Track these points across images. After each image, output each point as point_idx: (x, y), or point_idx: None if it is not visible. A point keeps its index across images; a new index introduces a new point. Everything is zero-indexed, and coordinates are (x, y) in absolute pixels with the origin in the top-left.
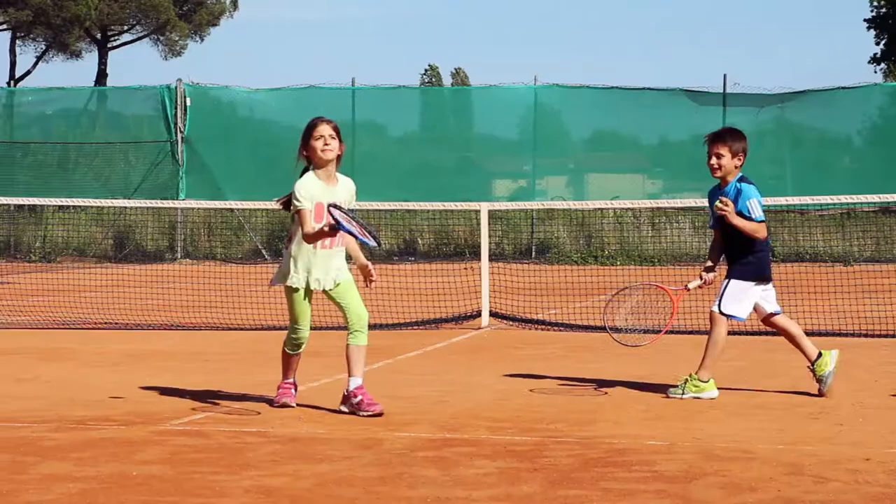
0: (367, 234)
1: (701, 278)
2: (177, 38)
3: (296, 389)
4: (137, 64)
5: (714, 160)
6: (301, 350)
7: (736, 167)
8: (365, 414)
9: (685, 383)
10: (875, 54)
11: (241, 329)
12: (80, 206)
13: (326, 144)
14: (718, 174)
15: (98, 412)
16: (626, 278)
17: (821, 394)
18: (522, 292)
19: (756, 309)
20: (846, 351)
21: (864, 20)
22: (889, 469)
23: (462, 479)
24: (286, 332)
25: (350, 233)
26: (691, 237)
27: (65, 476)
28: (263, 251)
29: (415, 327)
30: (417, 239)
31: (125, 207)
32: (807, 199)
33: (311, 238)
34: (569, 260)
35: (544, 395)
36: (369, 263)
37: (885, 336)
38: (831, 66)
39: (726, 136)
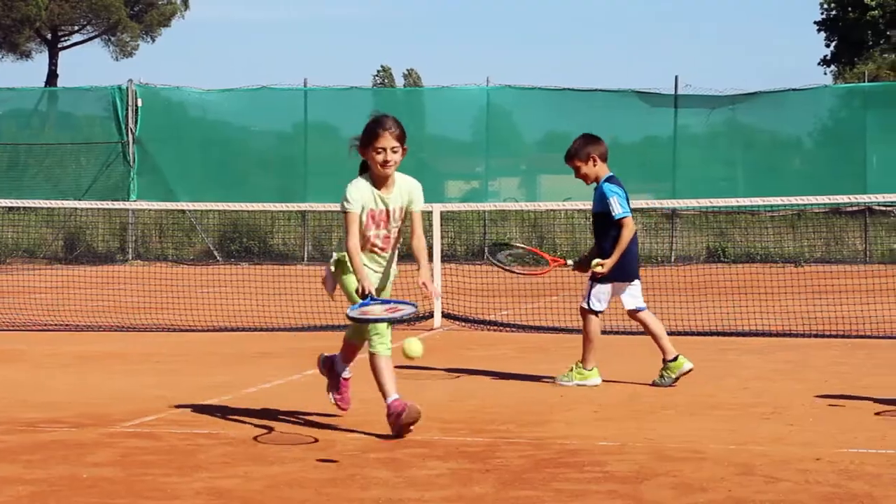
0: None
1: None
2: (128, 39)
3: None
4: (88, 64)
5: (576, 174)
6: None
7: (595, 167)
8: (400, 420)
9: (571, 371)
10: (825, 56)
11: (193, 331)
12: (30, 208)
13: (387, 161)
14: (588, 182)
15: (48, 414)
16: (578, 279)
17: (654, 384)
18: (475, 293)
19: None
20: (797, 351)
21: (815, 22)
22: (839, 469)
23: (414, 481)
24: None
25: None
26: (643, 238)
27: (14, 479)
28: (215, 252)
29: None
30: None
31: (76, 209)
32: (758, 201)
33: (351, 258)
34: (521, 261)
35: (496, 396)
36: (429, 282)
37: (835, 336)
38: (782, 68)
39: (570, 152)
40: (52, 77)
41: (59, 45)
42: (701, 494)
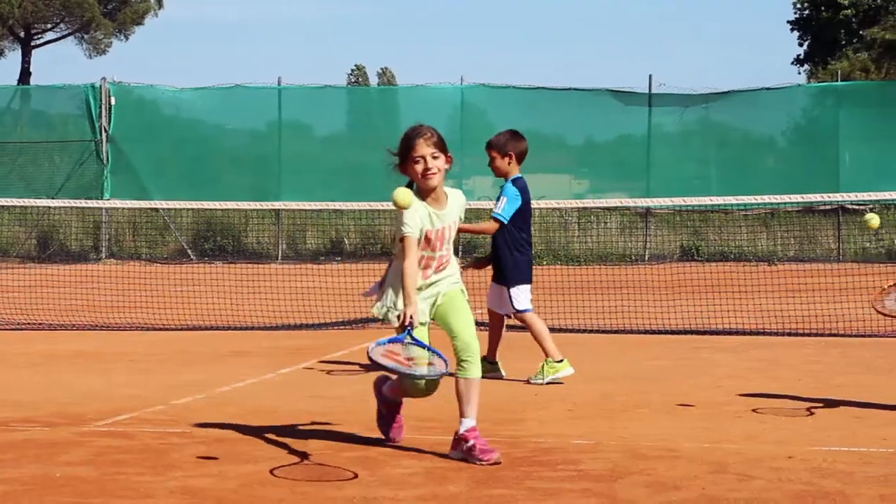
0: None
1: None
2: (101, 37)
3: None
4: (61, 62)
5: (489, 163)
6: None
7: (509, 165)
8: (479, 463)
9: (542, 369)
10: (798, 56)
11: (166, 329)
12: (2, 206)
13: (428, 170)
14: (497, 175)
15: (21, 413)
16: (552, 277)
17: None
18: None
19: (489, 299)
20: (770, 349)
21: (788, 22)
22: (811, 467)
23: (388, 479)
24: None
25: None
26: (617, 237)
27: None
28: (189, 251)
29: (341, 327)
30: (344, 239)
31: (49, 207)
32: (731, 199)
33: (405, 280)
34: None
35: None
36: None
37: (809, 335)
38: (756, 68)
39: (493, 142)
40: (25, 75)
41: (33, 43)
42: (674, 493)
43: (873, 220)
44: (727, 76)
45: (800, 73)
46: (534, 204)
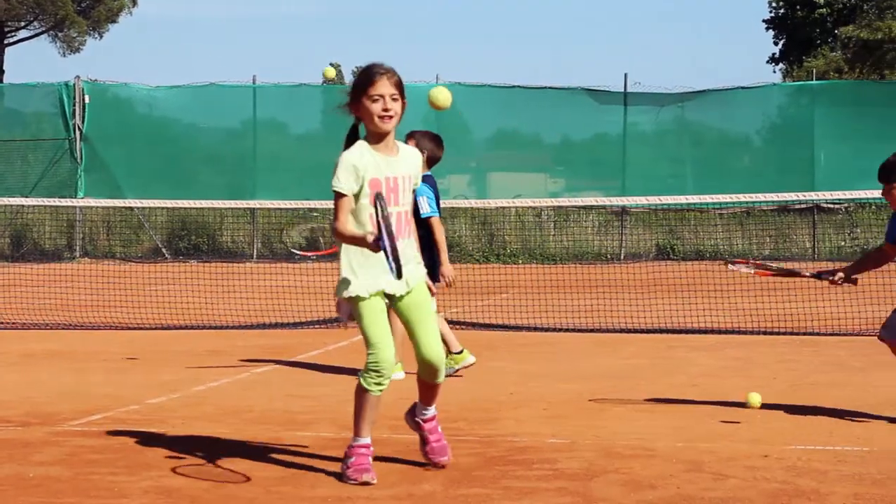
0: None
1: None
2: (75, 35)
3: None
4: (35, 61)
5: None
6: (384, 387)
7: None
8: (431, 460)
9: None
10: (774, 55)
11: (141, 329)
12: None
13: (386, 111)
14: None
15: None
16: (528, 276)
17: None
18: None
19: None
20: (745, 348)
21: (763, 21)
22: (786, 465)
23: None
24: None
25: (385, 249)
26: (593, 235)
27: None
28: (163, 249)
29: (316, 326)
30: (319, 237)
31: (23, 206)
32: (706, 198)
33: (343, 237)
34: (471, 259)
35: (445, 393)
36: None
37: (783, 333)
38: (731, 67)
39: (417, 135)
40: None
41: (6, 41)
42: (650, 491)
43: (754, 400)
44: (702, 75)
45: (775, 72)
46: (508, 203)
